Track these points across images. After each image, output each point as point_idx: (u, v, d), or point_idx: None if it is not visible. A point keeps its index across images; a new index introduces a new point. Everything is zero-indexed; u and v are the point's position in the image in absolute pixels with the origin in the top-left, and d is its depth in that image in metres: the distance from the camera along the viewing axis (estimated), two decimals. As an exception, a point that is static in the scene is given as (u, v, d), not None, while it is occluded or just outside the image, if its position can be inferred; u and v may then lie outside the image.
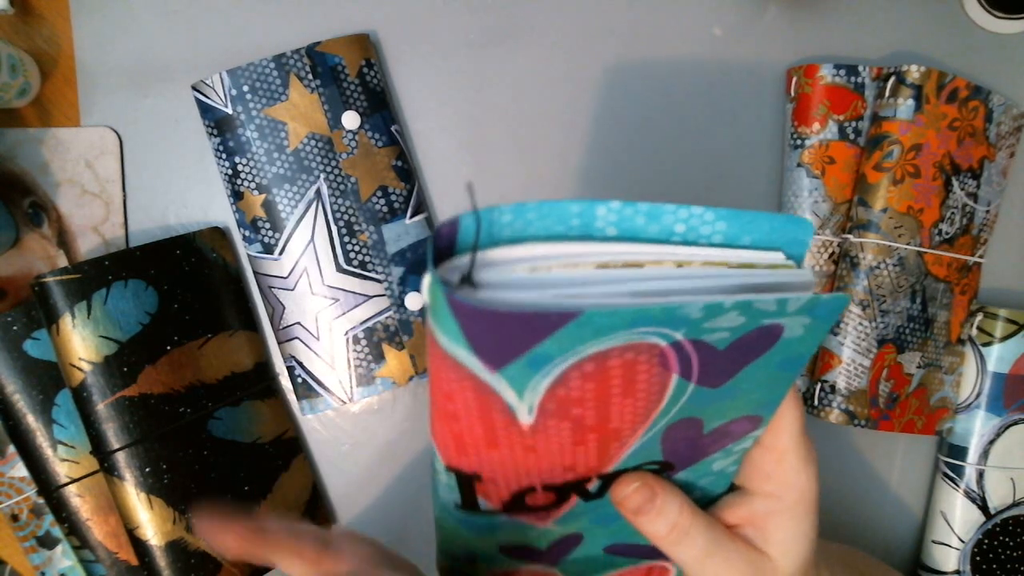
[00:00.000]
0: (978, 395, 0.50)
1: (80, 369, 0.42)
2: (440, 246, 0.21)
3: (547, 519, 0.29)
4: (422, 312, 0.49)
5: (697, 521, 0.28)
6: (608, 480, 0.28)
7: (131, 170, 0.51)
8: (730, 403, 0.25)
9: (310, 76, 0.48)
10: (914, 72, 0.46)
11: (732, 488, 0.31)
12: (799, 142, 0.50)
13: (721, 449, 0.27)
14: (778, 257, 0.23)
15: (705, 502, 0.31)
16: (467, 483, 0.27)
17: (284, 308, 0.49)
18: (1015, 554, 0.50)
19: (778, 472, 0.28)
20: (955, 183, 0.48)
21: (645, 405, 0.24)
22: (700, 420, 0.25)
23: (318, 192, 0.48)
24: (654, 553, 0.30)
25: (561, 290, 0.21)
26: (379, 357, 0.49)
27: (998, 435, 0.49)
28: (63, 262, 0.50)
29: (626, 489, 0.28)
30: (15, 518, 0.47)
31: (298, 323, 0.49)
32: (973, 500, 0.49)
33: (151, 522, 0.43)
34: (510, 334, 0.20)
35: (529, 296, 0.20)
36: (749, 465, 0.29)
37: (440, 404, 0.24)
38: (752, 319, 0.21)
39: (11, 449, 0.46)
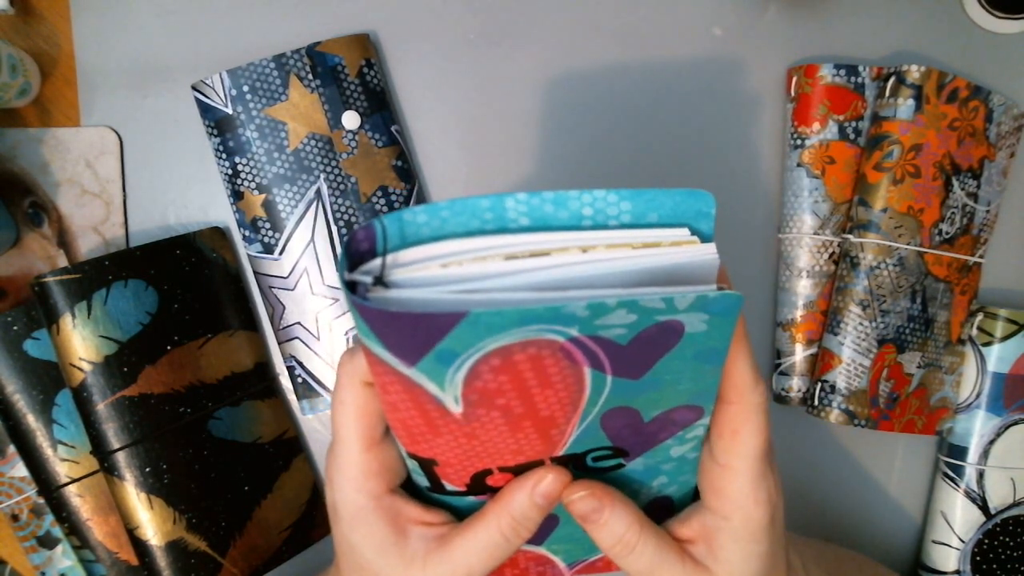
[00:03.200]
0: (978, 395, 0.50)
1: (80, 369, 0.42)
2: (360, 250, 0.22)
3: None
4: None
5: (646, 537, 0.28)
6: (563, 463, 0.28)
7: (131, 170, 0.51)
8: (659, 394, 0.25)
9: (310, 76, 0.48)
10: (914, 72, 0.46)
11: (696, 496, 0.31)
12: (799, 142, 0.50)
13: (672, 436, 0.27)
14: (683, 233, 0.23)
15: (674, 491, 0.31)
16: (428, 467, 0.28)
17: (284, 308, 0.49)
18: (1015, 554, 0.50)
19: (728, 491, 0.28)
20: (955, 183, 0.48)
21: (568, 396, 0.24)
22: (635, 410, 0.25)
23: (318, 192, 0.48)
24: None
25: (468, 284, 0.21)
26: (379, 357, 0.49)
27: (998, 435, 0.49)
28: (63, 262, 0.50)
29: (571, 495, 0.28)
30: (15, 518, 0.47)
31: (298, 323, 0.49)
32: (973, 500, 0.49)
33: (151, 522, 0.43)
34: (411, 332, 0.20)
35: (435, 293, 0.21)
36: (704, 477, 0.29)
37: (382, 396, 0.25)
38: (645, 316, 0.21)
39: (11, 449, 0.46)
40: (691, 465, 0.29)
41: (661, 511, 0.31)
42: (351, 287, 0.21)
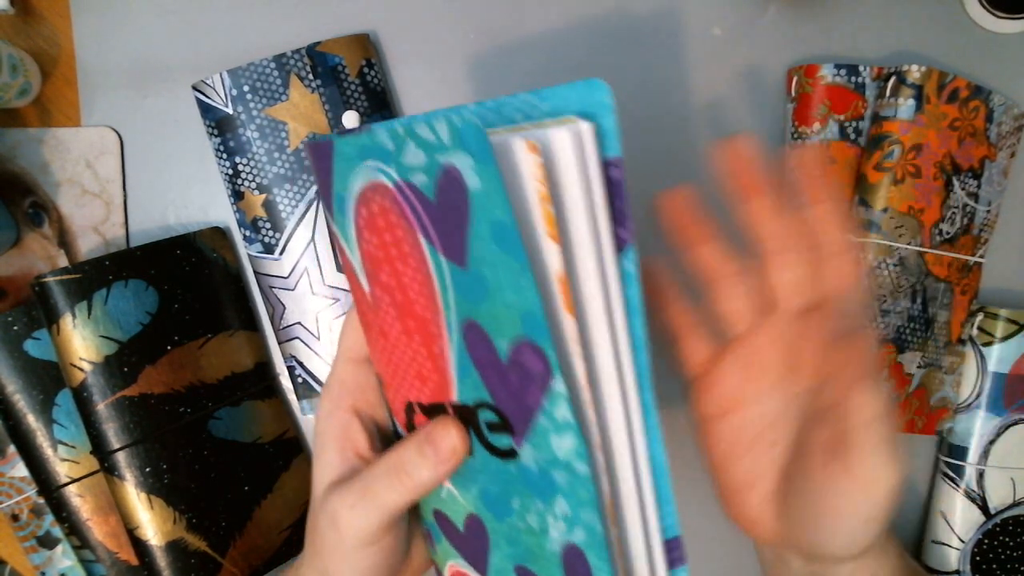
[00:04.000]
0: (978, 395, 0.50)
1: (80, 369, 0.42)
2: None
3: None
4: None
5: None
6: (464, 419, 0.25)
7: (131, 170, 0.51)
8: (492, 305, 0.22)
9: (310, 76, 0.48)
10: (915, 72, 0.46)
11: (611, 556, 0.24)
12: (800, 142, 0.50)
13: (537, 403, 0.23)
14: (570, 119, 0.22)
15: (582, 539, 0.24)
16: (383, 391, 0.29)
17: (284, 308, 0.49)
18: (1015, 554, 0.50)
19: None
20: (956, 183, 0.48)
21: (421, 276, 0.23)
22: (483, 329, 0.23)
23: (319, 192, 0.48)
24: None
25: None
26: (379, 357, 0.49)
27: (998, 435, 0.49)
28: (63, 262, 0.50)
29: None
30: (15, 518, 0.47)
31: (299, 323, 0.49)
32: (973, 500, 0.49)
33: (151, 522, 0.43)
34: (316, 164, 0.24)
35: None
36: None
37: (348, 281, 0.27)
38: (428, 154, 0.20)
39: (11, 449, 0.46)
40: (585, 486, 0.23)
41: (578, 569, 0.25)
42: None
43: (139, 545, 0.43)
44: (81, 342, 0.43)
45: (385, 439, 0.31)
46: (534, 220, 0.21)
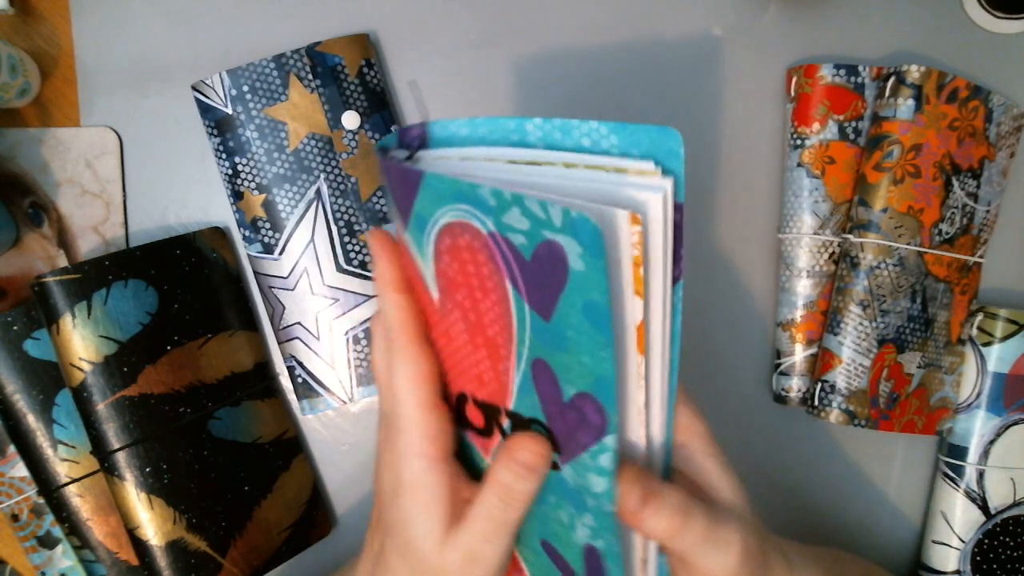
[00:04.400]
0: (978, 395, 0.50)
1: (80, 369, 0.42)
2: (408, 140, 0.27)
3: (486, 449, 0.30)
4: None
5: (693, 499, 0.28)
6: (514, 422, 0.28)
7: (131, 170, 0.51)
8: (567, 356, 0.24)
9: (310, 76, 0.48)
10: (914, 72, 0.46)
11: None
12: (799, 142, 0.50)
13: (586, 446, 0.26)
14: (648, 166, 0.24)
15: (602, 546, 0.28)
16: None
17: (284, 308, 0.49)
18: (1015, 554, 0.50)
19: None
20: (955, 183, 0.48)
21: (502, 311, 0.25)
22: (553, 371, 0.25)
23: (318, 192, 0.48)
24: None
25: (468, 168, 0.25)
26: (379, 357, 0.49)
27: (998, 435, 0.49)
28: (63, 262, 0.50)
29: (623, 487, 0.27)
30: (15, 518, 0.47)
31: (298, 323, 0.49)
32: (973, 500, 0.49)
33: (151, 522, 0.43)
34: (398, 185, 0.25)
35: (432, 166, 0.24)
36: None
37: (413, 287, 0.28)
38: (534, 226, 0.22)
39: (11, 449, 0.46)
40: (610, 522, 0.27)
41: (594, 563, 0.30)
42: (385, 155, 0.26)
43: (139, 545, 0.43)
44: (81, 342, 0.43)
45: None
46: (623, 280, 0.24)
